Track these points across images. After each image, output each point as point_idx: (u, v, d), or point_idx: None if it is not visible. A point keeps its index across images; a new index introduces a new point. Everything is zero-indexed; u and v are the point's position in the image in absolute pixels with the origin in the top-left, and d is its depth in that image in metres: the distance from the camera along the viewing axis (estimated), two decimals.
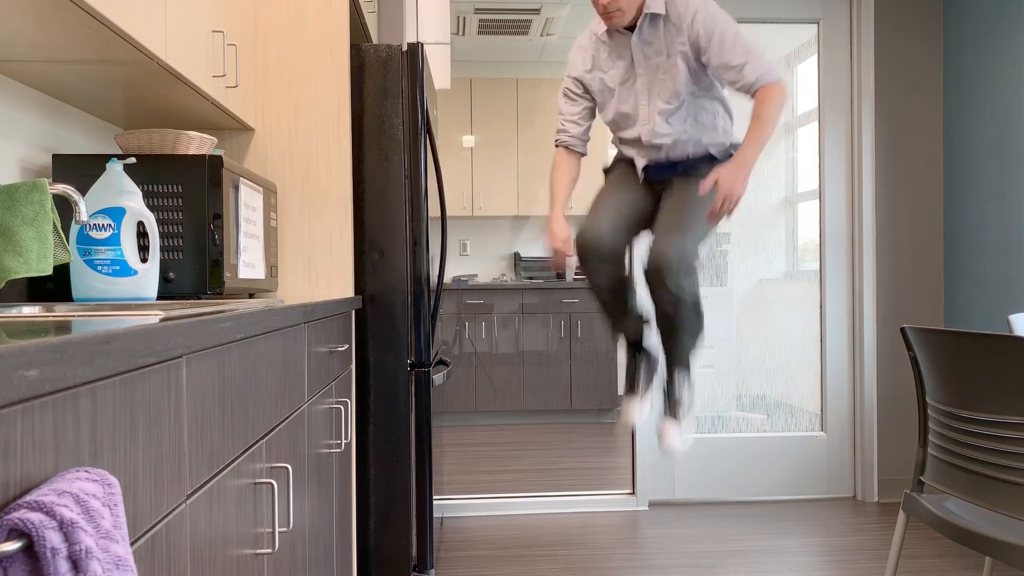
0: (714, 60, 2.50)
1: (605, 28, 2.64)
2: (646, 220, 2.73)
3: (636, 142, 2.69)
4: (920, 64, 3.73)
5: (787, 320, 3.82)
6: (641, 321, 2.82)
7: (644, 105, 2.64)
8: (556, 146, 2.79)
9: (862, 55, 3.70)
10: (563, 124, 2.78)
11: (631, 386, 2.87)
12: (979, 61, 3.47)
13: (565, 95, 2.78)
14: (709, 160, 2.65)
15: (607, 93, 2.69)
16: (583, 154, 2.80)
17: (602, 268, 2.63)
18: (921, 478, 2.02)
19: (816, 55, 3.79)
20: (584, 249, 2.60)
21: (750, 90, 2.49)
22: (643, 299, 2.74)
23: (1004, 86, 3.31)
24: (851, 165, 3.76)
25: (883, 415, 3.75)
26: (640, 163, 2.70)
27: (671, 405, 2.72)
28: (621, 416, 2.84)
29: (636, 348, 2.87)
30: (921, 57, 3.73)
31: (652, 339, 2.84)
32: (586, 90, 2.74)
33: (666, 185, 2.69)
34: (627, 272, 2.73)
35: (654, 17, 2.56)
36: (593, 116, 2.79)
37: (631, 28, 2.59)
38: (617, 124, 2.72)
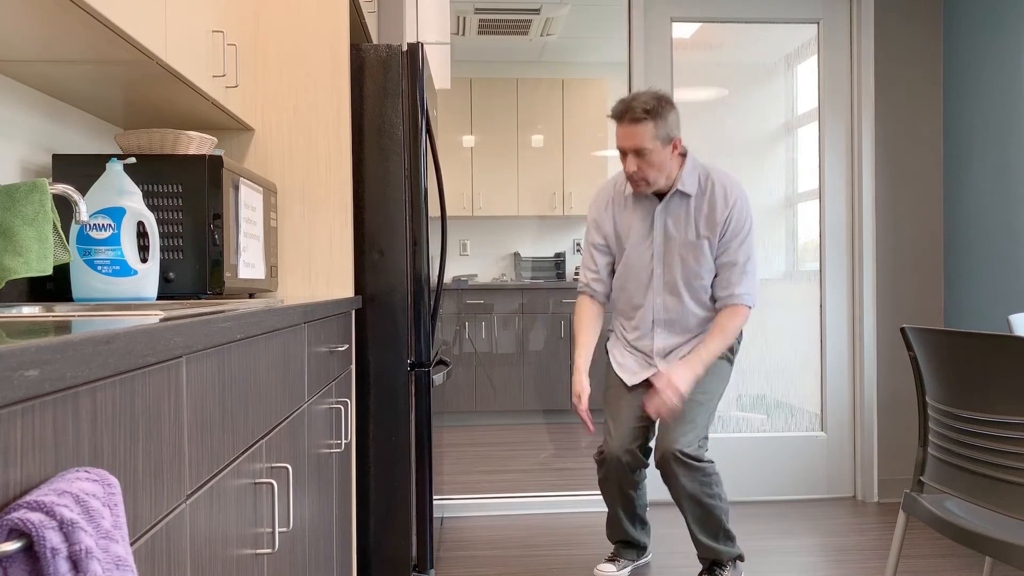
0: (725, 256, 2.59)
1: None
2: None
3: (638, 311, 2.71)
4: (920, 64, 3.73)
5: (787, 320, 3.82)
6: (636, 551, 2.89)
7: (658, 275, 2.66)
8: (579, 292, 2.80)
9: (862, 55, 3.70)
10: (587, 275, 2.79)
11: (613, 552, 2.90)
12: (979, 61, 3.47)
13: (591, 245, 2.79)
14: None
15: (621, 249, 2.72)
16: (604, 304, 2.82)
17: (621, 484, 2.74)
18: (921, 478, 2.02)
19: (816, 55, 3.79)
20: (606, 467, 2.72)
21: (728, 300, 2.60)
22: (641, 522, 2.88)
23: (1004, 86, 3.31)
24: (851, 165, 3.76)
25: (883, 415, 3.75)
26: (632, 377, 2.72)
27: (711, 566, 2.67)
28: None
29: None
30: (921, 57, 3.73)
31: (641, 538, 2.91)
32: (605, 240, 2.76)
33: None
34: (642, 484, 2.80)
35: (683, 195, 2.61)
36: (615, 270, 2.81)
37: (660, 195, 2.64)
38: (624, 287, 2.73)
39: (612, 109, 2.56)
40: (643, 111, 2.46)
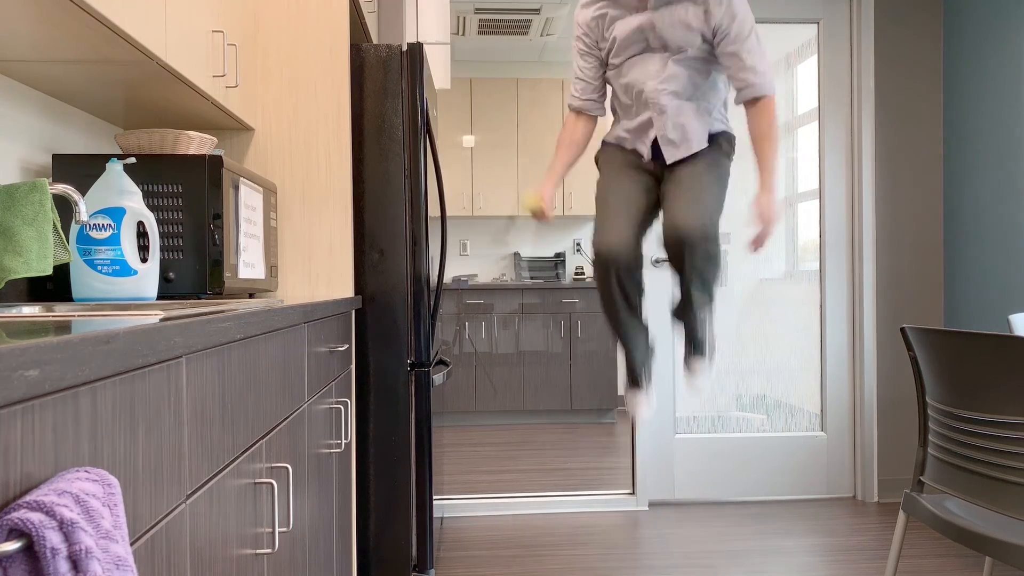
0: (729, 47, 2.45)
1: None
2: (655, 206, 2.65)
3: (637, 96, 2.53)
4: (920, 64, 3.73)
5: (787, 320, 3.82)
6: (646, 335, 2.82)
7: (655, 58, 2.49)
8: (570, 109, 2.64)
9: (862, 55, 3.70)
10: (574, 83, 2.62)
11: (634, 381, 2.83)
12: (979, 61, 3.47)
13: (576, 51, 2.61)
14: (709, 141, 2.54)
15: (615, 40, 2.52)
16: (596, 116, 2.64)
17: (620, 280, 2.57)
18: (921, 478, 2.02)
19: (816, 55, 3.79)
20: (601, 263, 2.53)
21: (750, 94, 2.48)
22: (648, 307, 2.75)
23: (1004, 86, 3.31)
24: (851, 165, 3.76)
25: (883, 415, 3.75)
26: (642, 147, 2.56)
27: (697, 345, 2.65)
28: (629, 410, 2.79)
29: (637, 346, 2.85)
30: (921, 57, 3.73)
31: (650, 332, 2.83)
32: (595, 41, 2.56)
33: (668, 167, 2.58)
34: (641, 276, 2.71)
35: None
36: (606, 68, 2.60)
37: None
38: (620, 72, 2.55)
39: None
40: None
